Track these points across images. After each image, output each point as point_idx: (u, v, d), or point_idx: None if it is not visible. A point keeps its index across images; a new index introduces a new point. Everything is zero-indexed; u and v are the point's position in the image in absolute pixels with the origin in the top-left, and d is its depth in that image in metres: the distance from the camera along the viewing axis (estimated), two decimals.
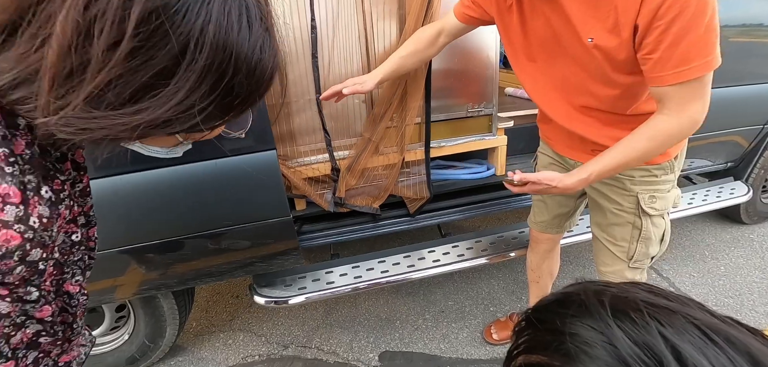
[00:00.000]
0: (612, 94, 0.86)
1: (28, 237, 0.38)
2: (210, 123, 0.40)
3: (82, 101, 0.33)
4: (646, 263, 1.07)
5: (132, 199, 1.05)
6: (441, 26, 1.11)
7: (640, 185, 0.97)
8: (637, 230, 1.01)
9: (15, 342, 0.44)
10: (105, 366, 1.51)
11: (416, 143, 1.39)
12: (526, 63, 0.99)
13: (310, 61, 1.18)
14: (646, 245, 1.02)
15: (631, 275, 1.09)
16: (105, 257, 1.11)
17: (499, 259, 1.50)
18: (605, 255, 1.10)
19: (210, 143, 1.02)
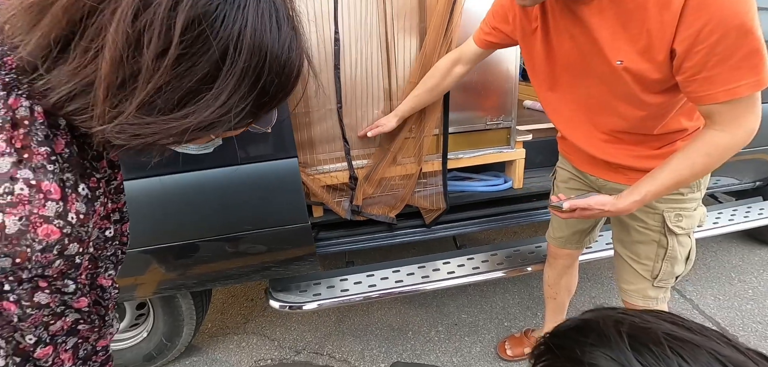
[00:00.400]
0: (640, 115, 0.85)
1: (67, 232, 0.39)
2: (245, 122, 0.42)
3: (135, 108, 0.35)
4: (670, 282, 1.04)
5: (158, 201, 1.08)
6: (457, 56, 1.12)
7: (666, 203, 0.95)
8: (662, 248, 0.98)
9: (55, 330, 0.46)
10: (123, 362, 1.55)
11: (433, 154, 1.40)
12: (548, 92, 0.99)
13: (332, 72, 1.21)
14: (672, 265, 1.00)
15: (653, 294, 1.06)
16: (129, 256, 1.15)
17: (515, 273, 1.48)
18: (628, 273, 1.07)
19: (234, 149, 1.05)
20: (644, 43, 0.73)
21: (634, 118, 0.86)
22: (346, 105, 1.27)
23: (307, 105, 1.24)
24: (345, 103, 1.26)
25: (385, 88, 1.28)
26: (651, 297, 1.06)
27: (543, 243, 1.57)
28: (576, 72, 0.88)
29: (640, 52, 0.74)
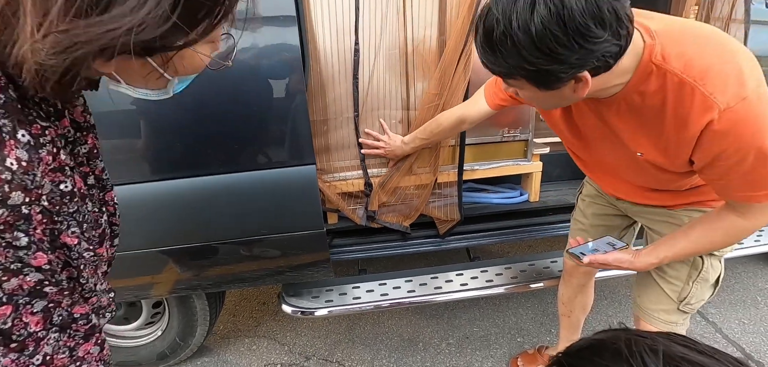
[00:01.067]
0: (666, 179, 0.84)
1: (6, 179, 0.38)
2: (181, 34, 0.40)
3: (62, 7, 0.34)
4: (697, 307, 1.00)
5: (178, 203, 1.11)
6: (463, 115, 1.14)
7: None
8: (695, 270, 0.94)
9: (11, 288, 0.45)
10: (137, 359, 1.58)
11: (449, 165, 1.40)
12: (571, 148, 1.00)
13: (351, 82, 1.23)
14: (702, 287, 0.95)
15: (675, 318, 1.02)
16: (148, 255, 1.18)
17: (529, 288, 1.46)
18: (654, 292, 1.02)
19: (254, 154, 1.08)
20: (663, 146, 0.74)
21: (661, 180, 0.86)
22: (363, 114, 1.28)
23: (324, 112, 1.26)
24: (362, 111, 1.27)
25: (402, 99, 1.29)
26: (672, 322, 1.02)
27: (558, 258, 1.54)
28: (598, 138, 0.87)
29: (660, 151, 0.75)
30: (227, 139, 1.05)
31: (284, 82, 1.03)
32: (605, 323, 1.77)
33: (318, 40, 1.17)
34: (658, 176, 0.84)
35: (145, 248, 1.17)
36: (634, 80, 0.70)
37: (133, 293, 1.34)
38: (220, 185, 1.10)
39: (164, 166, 1.08)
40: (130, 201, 1.10)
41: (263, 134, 1.07)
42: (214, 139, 1.05)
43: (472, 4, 1.14)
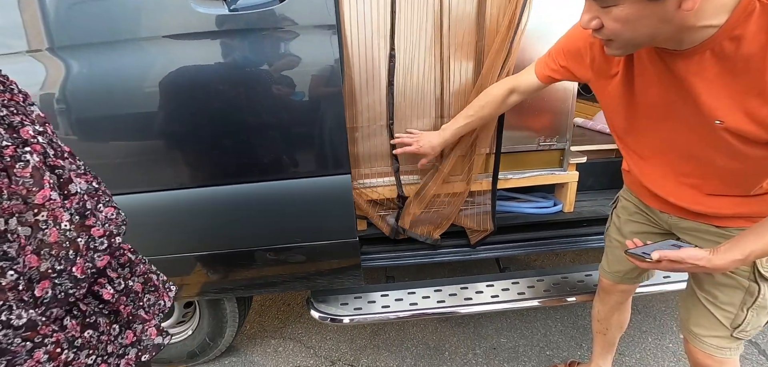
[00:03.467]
0: (734, 168, 0.76)
1: None
2: None
3: None
4: (752, 334, 0.93)
5: (214, 210, 1.12)
6: (513, 84, 1.08)
7: None
8: (750, 296, 0.87)
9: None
10: (168, 356, 1.62)
11: (482, 174, 1.36)
12: (621, 131, 0.94)
13: (385, 89, 1.21)
14: (759, 314, 0.89)
15: (729, 345, 0.95)
16: (183, 261, 1.20)
17: (562, 302, 1.42)
18: (704, 317, 0.96)
19: (289, 163, 1.08)
20: (754, 107, 0.65)
21: (735, 170, 0.77)
22: (398, 122, 1.26)
23: (357, 120, 1.24)
24: (397, 120, 1.26)
25: (437, 108, 1.26)
26: (726, 348, 0.96)
27: (593, 272, 1.49)
28: (658, 118, 0.81)
29: (748, 114, 0.66)
30: (264, 147, 1.06)
31: (323, 91, 1.02)
32: (639, 338, 1.71)
33: (352, 46, 1.15)
34: (732, 163, 0.74)
35: (182, 252, 1.19)
36: (730, 21, 0.62)
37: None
38: (256, 193, 1.10)
39: (202, 174, 1.09)
40: (168, 208, 1.11)
41: (299, 143, 1.06)
42: (251, 147, 1.05)
43: (517, 9, 1.11)
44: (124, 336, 0.64)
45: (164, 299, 0.73)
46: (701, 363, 1.00)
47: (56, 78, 0.98)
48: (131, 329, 0.65)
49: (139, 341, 0.66)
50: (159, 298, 0.72)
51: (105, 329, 0.59)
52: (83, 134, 1.02)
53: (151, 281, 0.71)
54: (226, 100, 1.01)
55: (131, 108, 1.01)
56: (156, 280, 0.72)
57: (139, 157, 1.07)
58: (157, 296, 0.71)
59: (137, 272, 0.68)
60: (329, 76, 1.00)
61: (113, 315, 0.63)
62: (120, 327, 0.63)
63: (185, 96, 1.00)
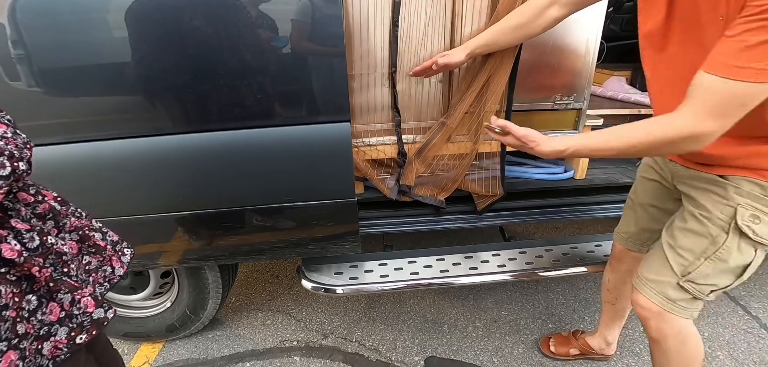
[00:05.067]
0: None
1: None
2: None
3: None
4: (704, 290, 0.85)
5: (193, 163, 0.97)
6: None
7: (746, 197, 0.77)
8: (713, 246, 0.81)
9: None
10: (145, 331, 1.49)
11: None
12: (656, 54, 0.83)
13: (388, 31, 1.06)
14: (715, 268, 0.82)
15: (674, 295, 0.88)
16: (156, 222, 1.05)
17: (571, 273, 1.33)
18: (656, 260, 0.90)
19: (278, 107, 0.92)
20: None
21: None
22: (401, 70, 1.12)
23: (354, 67, 1.09)
24: (400, 68, 1.11)
25: None
26: (670, 299, 0.88)
27: (603, 242, 1.42)
28: (686, 33, 0.74)
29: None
30: (247, 86, 0.90)
31: (318, 17, 0.86)
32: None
33: None
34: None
35: (152, 212, 1.04)
36: None
37: (139, 262, 1.22)
38: (239, 141, 0.95)
39: (175, 119, 0.93)
40: (134, 157, 0.96)
41: (290, 82, 0.91)
42: (232, 86, 0.90)
43: None
44: (47, 310, 0.48)
45: (113, 265, 0.57)
46: (639, 308, 0.94)
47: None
48: (56, 302, 0.49)
49: (69, 317, 0.50)
50: (104, 262, 0.57)
51: (10, 301, 0.43)
52: (31, 64, 0.85)
53: (91, 240, 0.55)
54: (205, 32, 0.85)
55: (91, 38, 0.84)
56: (100, 240, 0.57)
57: (100, 95, 0.90)
58: (100, 260, 0.56)
59: (67, 227, 0.53)
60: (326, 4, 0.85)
61: (26, 282, 0.47)
62: (38, 298, 0.47)
63: (154, 24, 0.83)
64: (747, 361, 1.43)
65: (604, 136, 0.78)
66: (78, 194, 0.94)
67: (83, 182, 0.97)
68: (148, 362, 1.47)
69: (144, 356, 1.49)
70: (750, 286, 1.78)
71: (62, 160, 0.94)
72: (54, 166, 0.93)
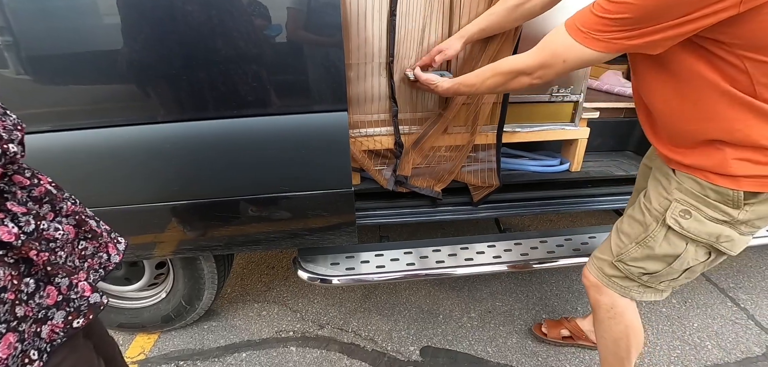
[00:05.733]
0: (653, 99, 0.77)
1: None
2: None
3: None
4: (633, 271, 0.90)
5: (188, 152, 0.96)
6: None
7: (684, 194, 0.80)
8: (644, 232, 0.87)
9: None
10: (140, 321, 1.48)
11: (489, 126, 1.24)
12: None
13: (386, 20, 1.05)
14: (642, 254, 0.87)
15: (610, 272, 0.95)
16: (150, 212, 1.04)
17: (565, 265, 1.35)
18: (605, 242, 0.99)
19: (275, 96, 0.92)
20: None
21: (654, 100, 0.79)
22: (399, 60, 1.11)
23: (351, 56, 1.08)
24: (397, 57, 1.10)
25: None
26: (606, 274, 0.96)
27: (598, 234, 1.43)
28: None
29: None
30: (243, 74, 0.89)
31: (319, 12, 0.85)
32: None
33: None
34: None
35: (146, 202, 1.03)
36: None
37: (133, 253, 1.21)
38: (235, 130, 0.94)
39: (169, 107, 0.92)
40: (128, 146, 0.95)
41: (286, 70, 0.90)
42: (228, 74, 0.88)
43: None
44: (44, 294, 0.47)
45: (109, 251, 0.57)
46: (584, 278, 1.04)
47: None
48: (53, 285, 0.48)
49: (67, 301, 0.49)
50: (100, 248, 0.56)
51: (8, 284, 0.43)
52: (22, 51, 0.83)
53: (87, 226, 0.55)
54: (199, 18, 0.83)
55: (82, 24, 0.82)
56: (96, 226, 0.56)
57: (92, 83, 0.88)
58: (96, 246, 0.55)
59: (63, 211, 0.52)
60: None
61: (24, 265, 0.46)
62: (36, 282, 0.47)
63: (147, 10, 0.82)
64: (734, 351, 1.46)
65: (470, 75, 0.95)
66: (70, 183, 0.93)
67: (75, 171, 0.96)
68: (144, 353, 1.47)
69: (139, 347, 1.49)
70: (739, 278, 1.82)
71: (54, 149, 0.92)
72: (45, 154, 0.92)
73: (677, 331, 1.54)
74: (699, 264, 0.84)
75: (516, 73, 0.83)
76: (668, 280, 0.89)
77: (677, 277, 0.88)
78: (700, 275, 1.83)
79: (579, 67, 0.76)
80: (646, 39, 0.63)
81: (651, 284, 0.92)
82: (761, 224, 0.78)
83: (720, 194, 0.75)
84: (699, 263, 0.84)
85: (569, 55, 0.72)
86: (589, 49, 0.69)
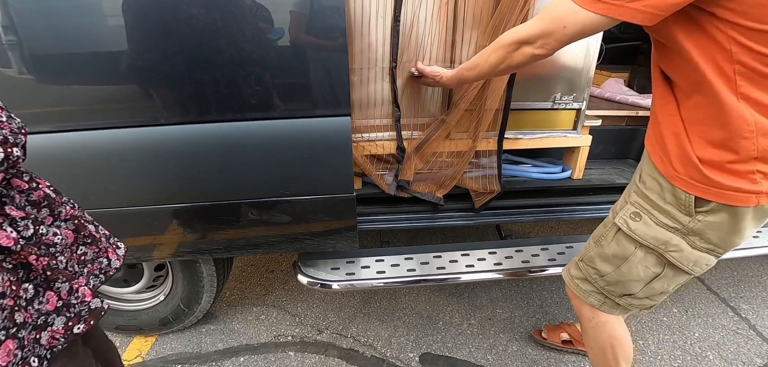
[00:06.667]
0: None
1: None
2: None
3: None
4: (588, 272, 0.92)
5: (190, 155, 0.96)
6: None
7: (637, 195, 0.82)
8: (602, 234, 0.89)
9: None
10: (138, 323, 1.47)
11: (491, 132, 1.24)
12: None
13: (390, 25, 1.05)
14: (595, 251, 0.90)
15: (574, 272, 0.98)
16: (150, 214, 1.04)
17: None
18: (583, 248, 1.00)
19: (277, 99, 0.91)
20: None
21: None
22: (402, 66, 1.11)
23: (355, 61, 1.08)
24: (400, 62, 1.10)
25: (447, 50, 1.12)
26: (571, 275, 0.99)
27: None
28: None
29: None
30: (246, 78, 0.88)
31: (323, 16, 0.85)
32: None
33: None
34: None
35: (146, 204, 1.03)
36: None
37: (133, 255, 1.20)
38: (236, 133, 0.94)
39: (172, 109, 0.91)
40: (130, 148, 0.94)
41: (290, 73, 0.90)
42: (231, 77, 0.88)
43: None
44: (44, 299, 0.47)
45: (109, 256, 0.56)
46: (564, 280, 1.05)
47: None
48: (53, 290, 0.48)
49: (67, 306, 0.49)
50: (99, 254, 0.55)
51: (7, 290, 0.42)
52: (26, 51, 0.83)
53: (86, 230, 0.54)
54: (203, 22, 0.83)
55: (90, 27, 0.82)
56: (95, 231, 0.55)
57: (95, 84, 0.88)
58: (96, 251, 0.55)
59: (62, 216, 0.51)
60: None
61: (22, 270, 0.45)
62: (35, 287, 0.46)
63: (152, 13, 0.82)
64: (736, 361, 1.45)
65: (472, 58, 0.92)
66: (70, 184, 0.93)
67: (75, 172, 0.95)
68: (141, 356, 1.46)
69: (136, 350, 1.48)
70: (740, 287, 1.81)
71: (54, 150, 0.92)
72: (46, 155, 0.91)
73: (678, 341, 1.53)
74: (654, 278, 0.82)
75: (518, 43, 0.79)
76: (627, 295, 0.88)
77: (637, 292, 0.86)
78: (701, 285, 1.82)
79: (580, 36, 0.72)
80: (645, 1, 0.60)
81: (609, 294, 0.91)
82: (718, 241, 0.75)
83: (675, 195, 0.75)
84: (652, 276, 0.82)
85: (570, 20, 0.69)
86: (590, 13, 0.66)
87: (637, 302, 0.89)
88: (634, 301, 0.89)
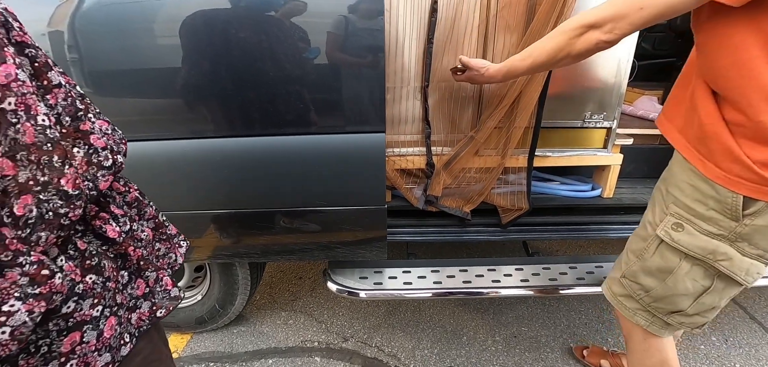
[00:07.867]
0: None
1: None
2: None
3: None
4: (633, 289, 0.89)
5: (233, 164, 1.04)
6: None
7: (678, 206, 0.78)
8: (643, 245, 0.86)
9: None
10: (176, 321, 1.56)
11: (520, 149, 1.26)
12: None
13: (423, 48, 1.10)
14: (639, 267, 0.86)
15: (617, 290, 0.94)
16: (195, 218, 1.12)
17: (595, 291, 1.32)
18: (617, 260, 0.98)
19: (316, 116, 0.98)
20: None
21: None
22: (433, 85, 1.16)
23: (389, 80, 1.14)
24: (432, 82, 1.15)
25: None
26: (614, 293, 0.95)
27: None
28: None
29: None
30: (290, 96, 0.96)
31: (362, 31, 0.91)
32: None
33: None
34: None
35: (194, 209, 1.11)
36: None
37: None
38: (277, 147, 1.01)
39: (220, 124, 1.00)
40: (180, 158, 1.03)
41: (330, 93, 0.96)
42: (275, 96, 0.96)
43: None
44: (135, 286, 0.54)
45: (176, 253, 0.63)
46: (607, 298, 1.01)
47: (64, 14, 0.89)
48: (142, 278, 0.55)
49: (152, 293, 0.56)
50: (170, 250, 0.63)
51: (111, 275, 0.49)
52: (92, 69, 0.94)
53: (163, 229, 0.62)
54: (250, 43, 0.91)
55: (146, 48, 0.92)
56: (167, 229, 0.63)
57: (148, 99, 0.98)
58: (168, 248, 0.62)
59: (146, 215, 0.59)
60: (371, 22, 0.90)
61: (120, 259, 0.52)
62: (129, 274, 0.53)
63: (204, 38, 0.91)
64: None
65: (526, 49, 0.86)
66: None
67: (136, 177, 1.05)
68: (177, 352, 1.54)
69: (173, 346, 1.57)
70: None
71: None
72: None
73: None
74: (703, 292, 0.79)
75: (584, 27, 0.72)
76: (676, 312, 0.84)
77: (686, 308, 0.82)
78: (743, 312, 1.73)
79: (657, 19, 0.64)
80: None
81: (656, 312, 0.87)
82: (753, 236, 0.70)
83: (719, 201, 0.71)
84: (702, 290, 0.79)
85: (648, 1, 0.62)
86: None
87: (688, 320, 0.85)
88: (684, 319, 0.85)
